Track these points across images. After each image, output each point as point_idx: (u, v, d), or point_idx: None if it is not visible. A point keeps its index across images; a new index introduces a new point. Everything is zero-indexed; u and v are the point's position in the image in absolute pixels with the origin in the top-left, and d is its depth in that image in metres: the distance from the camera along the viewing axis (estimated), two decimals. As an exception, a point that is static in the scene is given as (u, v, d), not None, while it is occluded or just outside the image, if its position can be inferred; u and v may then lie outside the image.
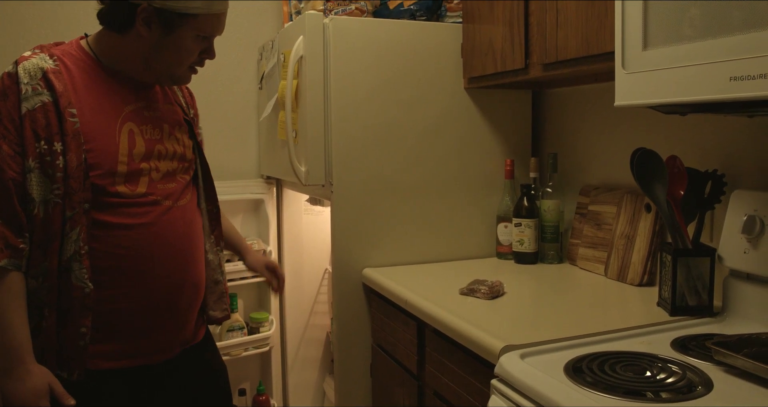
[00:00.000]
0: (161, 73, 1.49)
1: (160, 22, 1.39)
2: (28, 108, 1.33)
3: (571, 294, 1.79)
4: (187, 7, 1.38)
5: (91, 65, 1.45)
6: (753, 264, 1.45)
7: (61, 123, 1.35)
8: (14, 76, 1.35)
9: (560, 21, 1.71)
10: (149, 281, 1.47)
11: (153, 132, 1.50)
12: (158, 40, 1.42)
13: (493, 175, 2.33)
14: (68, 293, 1.38)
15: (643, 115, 1.93)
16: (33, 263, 1.36)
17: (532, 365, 1.25)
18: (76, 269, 1.37)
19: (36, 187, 1.34)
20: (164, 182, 1.50)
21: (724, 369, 1.20)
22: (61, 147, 1.34)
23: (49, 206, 1.34)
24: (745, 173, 1.63)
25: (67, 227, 1.36)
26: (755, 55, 1.04)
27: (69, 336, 1.39)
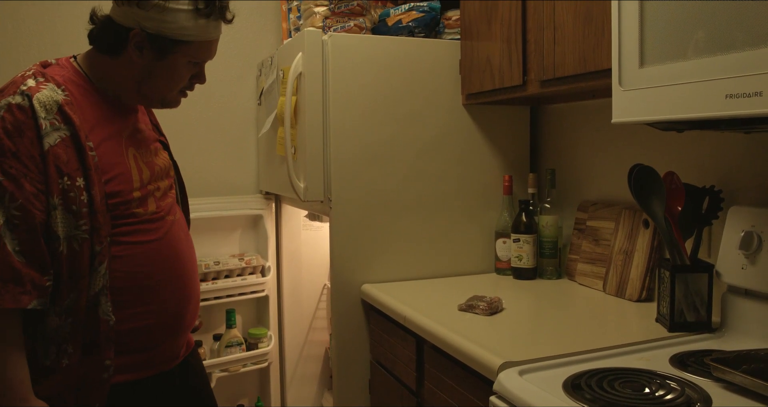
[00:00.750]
0: (152, 97, 1.48)
1: (153, 47, 1.38)
2: (51, 144, 1.28)
3: (570, 310, 1.79)
4: (180, 33, 1.37)
5: (90, 92, 1.43)
6: (751, 280, 1.45)
7: (82, 157, 1.32)
8: (28, 111, 1.28)
9: (557, 38, 1.72)
10: (165, 294, 1.47)
11: (147, 154, 1.51)
12: (150, 65, 1.41)
13: (492, 191, 2.33)
14: (95, 327, 1.35)
15: (640, 131, 1.94)
16: (57, 300, 1.32)
17: (531, 382, 1.24)
18: (103, 303, 1.35)
19: (61, 224, 1.30)
20: (163, 198, 1.52)
21: (723, 385, 1.20)
22: (84, 182, 1.31)
23: (74, 243, 1.31)
24: (742, 189, 1.63)
25: (96, 263, 1.33)
26: (751, 73, 1.05)
27: (93, 370, 1.37)
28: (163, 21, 1.35)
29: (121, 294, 1.40)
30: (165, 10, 1.34)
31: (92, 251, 1.33)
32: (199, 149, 2.88)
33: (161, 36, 1.36)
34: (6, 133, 1.26)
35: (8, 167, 1.26)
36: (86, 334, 1.35)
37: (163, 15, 1.34)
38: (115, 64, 1.42)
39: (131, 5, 1.34)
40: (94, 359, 1.36)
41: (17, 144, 1.26)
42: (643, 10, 1.28)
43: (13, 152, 1.26)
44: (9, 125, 1.27)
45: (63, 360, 1.33)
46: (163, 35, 1.36)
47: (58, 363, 1.33)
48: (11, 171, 1.26)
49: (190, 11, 1.36)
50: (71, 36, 2.72)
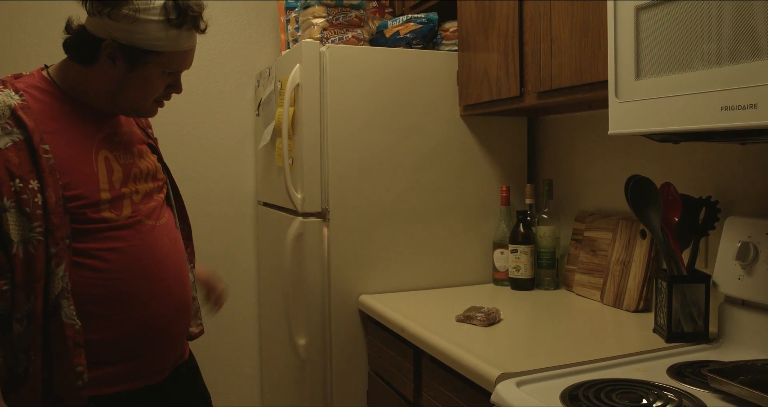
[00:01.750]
0: (126, 107, 1.47)
1: (125, 57, 1.37)
2: (1, 147, 1.28)
3: (568, 321, 1.79)
4: (152, 44, 1.36)
5: (58, 97, 1.41)
6: (747, 291, 1.46)
7: (36, 160, 1.30)
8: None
9: (554, 50, 1.73)
10: (145, 302, 1.45)
11: (126, 156, 1.49)
12: (123, 76, 1.40)
13: (489, 201, 2.34)
14: (60, 332, 1.33)
15: (637, 142, 1.95)
16: (17, 306, 1.30)
17: (529, 393, 1.24)
18: (65, 307, 1.33)
19: (13, 226, 1.28)
20: (144, 202, 1.49)
21: (721, 396, 1.20)
22: (38, 184, 1.30)
23: (30, 246, 1.29)
24: (738, 200, 1.64)
25: (52, 265, 1.31)
26: (746, 85, 1.06)
27: (64, 378, 1.34)
28: (134, 32, 1.34)
29: (94, 302, 1.38)
30: (136, 21, 1.33)
31: (48, 254, 1.31)
32: (197, 160, 2.89)
33: (133, 47, 1.35)
34: None
35: None
36: (51, 340, 1.33)
37: (133, 26, 1.33)
38: (88, 74, 1.42)
39: (102, 16, 1.33)
40: (64, 366, 1.34)
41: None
42: (638, 22, 1.29)
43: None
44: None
45: (30, 368, 1.32)
46: (134, 46, 1.35)
47: (27, 372, 1.32)
48: None
49: (161, 22, 1.35)
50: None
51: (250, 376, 3.07)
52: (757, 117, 1.04)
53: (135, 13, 1.33)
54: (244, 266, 3.00)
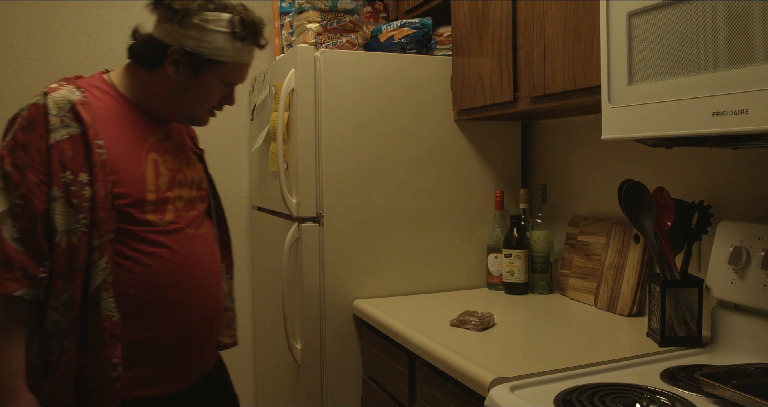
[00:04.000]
0: (182, 112, 1.54)
1: (188, 64, 1.45)
2: (57, 139, 1.35)
3: (562, 325, 1.79)
4: (215, 54, 1.44)
5: (116, 98, 1.48)
6: (740, 295, 1.46)
7: (89, 154, 1.37)
8: (42, 108, 1.36)
9: (547, 55, 1.74)
10: (178, 309, 1.47)
11: (174, 162, 1.53)
12: (184, 82, 1.47)
13: (483, 206, 2.34)
14: (98, 323, 1.36)
15: (630, 147, 1.96)
16: (54, 293, 1.34)
17: (522, 398, 1.24)
18: (104, 298, 1.37)
19: (60, 216, 1.33)
20: (186, 209, 1.53)
21: (714, 400, 1.20)
22: (88, 178, 1.35)
23: (73, 236, 1.34)
24: (730, 205, 1.65)
25: (95, 256, 1.35)
26: (737, 90, 1.07)
27: (100, 368, 1.37)
28: (201, 40, 1.42)
29: (130, 303, 1.41)
30: (204, 31, 1.42)
31: (90, 246, 1.35)
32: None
33: (197, 55, 1.43)
34: (22, 128, 1.35)
35: (17, 158, 1.33)
36: (89, 331, 1.36)
37: (202, 35, 1.42)
38: (150, 78, 1.49)
39: (173, 23, 1.42)
40: (100, 357, 1.37)
41: (28, 137, 1.34)
42: (631, 28, 1.30)
43: (23, 144, 1.34)
44: (25, 121, 1.36)
45: (63, 356, 1.35)
46: (199, 54, 1.43)
47: (59, 360, 1.35)
48: (18, 162, 1.33)
49: (227, 34, 1.44)
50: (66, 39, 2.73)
51: (245, 381, 3.07)
52: (749, 122, 1.05)
53: (204, 23, 1.42)
54: (239, 271, 3.00)
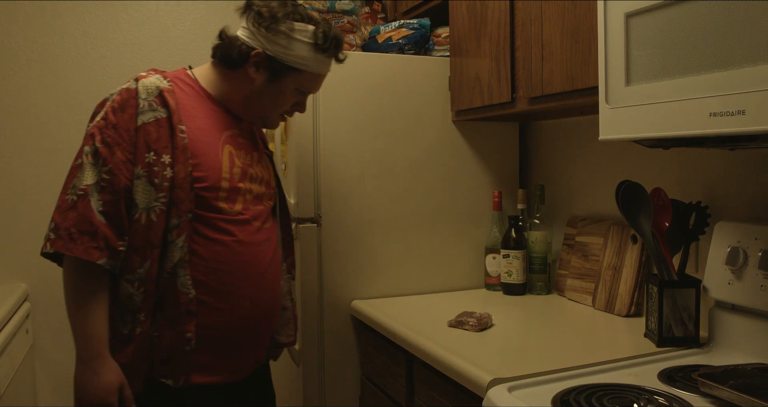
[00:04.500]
0: (256, 113, 1.61)
1: (269, 68, 1.52)
2: (144, 121, 1.44)
3: (559, 326, 1.79)
4: (296, 62, 1.52)
5: (198, 92, 1.56)
6: (737, 295, 1.46)
7: (172, 137, 1.45)
8: (133, 92, 1.46)
9: (545, 56, 1.74)
10: (237, 299, 1.52)
11: (246, 157, 1.59)
12: (262, 84, 1.54)
13: (481, 206, 2.35)
14: (174, 298, 1.43)
15: (628, 148, 1.96)
16: (130, 267, 1.42)
17: (520, 398, 1.25)
18: (181, 275, 1.44)
19: (141, 194, 1.41)
20: (254, 203, 1.58)
21: (711, 400, 1.21)
22: (170, 159, 1.43)
23: (152, 213, 1.42)
24: (728, 205, 1.65)
25: (173, 235, 1.43)
26: (734, 91, 1.07)
27: (175, 341, 1.44)
28: (285, 47, 1.50)
29: (196, 287, 1.46)
30: (289, 39, 1.50)
31: (168, 224, 1.43)
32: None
33: (279, 60, 1.51)
34: (113, 110, 1.45)
35: (107, 136, 1.42)
36: (165, 306, 1.44)
37: (287, 42, 1.50)
38: (231, 77, 1.57)
39: (261, 28, 1.49)
40: (176, 331, 1.44)
41: (118, 118, 1.43)
42: (628, 29, 1.30)
43: (113, 124, 1.43)
44: (116, 104, 1.45)
45: (137, 328, 1.42)
46: (280, 60, 1.51)
47: (132, 332, 1.42)
48: (108, 139, 1.42)
49: (310, 44, 1.52)
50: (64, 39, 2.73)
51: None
52: (746, 123, 1.05)
53: (291, 31, 1.50)
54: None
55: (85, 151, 1.42)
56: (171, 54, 2.90)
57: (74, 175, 1.42)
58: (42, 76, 2.70)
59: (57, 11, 2.72)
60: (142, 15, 2.87)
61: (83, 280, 1.40)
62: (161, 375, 1.45)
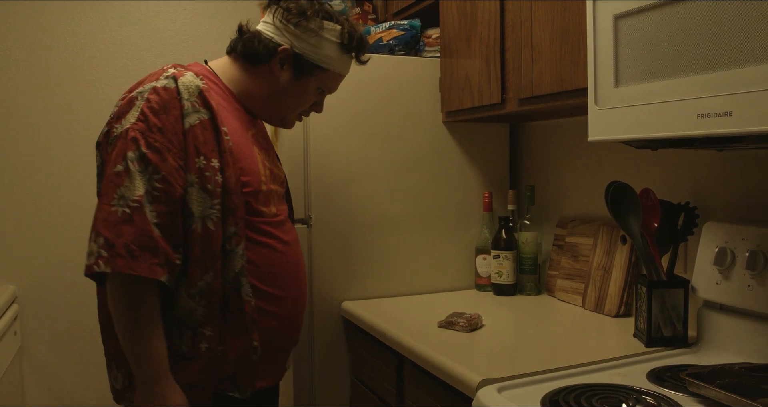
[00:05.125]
0: (276, 112, 1.56)
1: (294, 66, 1.49)
2: (191, 123, 1.34)
3: (549, 326, 1.80)
4: (322, 60, 1.50)
5: (223, 89, 1.49)
6: (725, 295, 1.47)
7: (218, 140, 1.36)
8: (173, 91, 1.34)
9: (535, 57, 1.75)
10: (285, 301, 1.49)
11: (266, 157, 1.54)
12: (286, 82, 1.50)
13: (472, 207, 2.35)
14: (239, 309, 1.37)
15: (617, 149, 1.97)
16: (191, 281, 1.32)
17: (509, 399, 1.25)
18: (244, 284, 1.37)
19: (196, 202, 1.32)
20: (280, 203, 1.56)
21: (699, 400, 1.21)
22: (218, 164, 1.35)
23: (209, 222, 1.33)
24: (716, 206, 1.66)
25: (232, 243, 1.36)
26: (721, 93, 1.08)
27: (242, 352, 1.38)
28: (313, 45, 1.48)
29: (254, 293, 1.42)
30: (318, 37, 1.48)
31: (225, 232, 1.35)
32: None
33: (305, 58, 1.48)
34: (152, 111, 1.31)
35: (153, 140, 1.29)
36: (231, 317, 1.36)
37: (314, 40, 1.47)
38: (252, 74, 1.51)
39: (289, 24, 1.46)
40: (243, 342, 1.38)
41: (163, 120, 1.31)
42: (617, 30, 1.31)
43: (158, 127, 1.30)
44: (155, 104, 1.32)
45: (201, 344, 1.33)
46: (306, 57, 1.48)
47: (195, 349, 1.33)
48: (156, 144, 1.29)
49: (336, 44, 1.50)
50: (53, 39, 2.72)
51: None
52: (732, 124, 1.06)
53: (319, 29, 1.47)
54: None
55: (129, 157, 1.28)
56: (161, 54, 2.89)
57: (118, 183, 1.27)
58: (31, 77, 2.69)
59: (46, 11, 2.71)
60: (131, 15, 2.85)
61: (140, 299, 1.28)
62: (228, 388, 1.38)
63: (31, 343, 2.72)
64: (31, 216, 2.68)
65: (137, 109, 1.32)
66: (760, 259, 1.39)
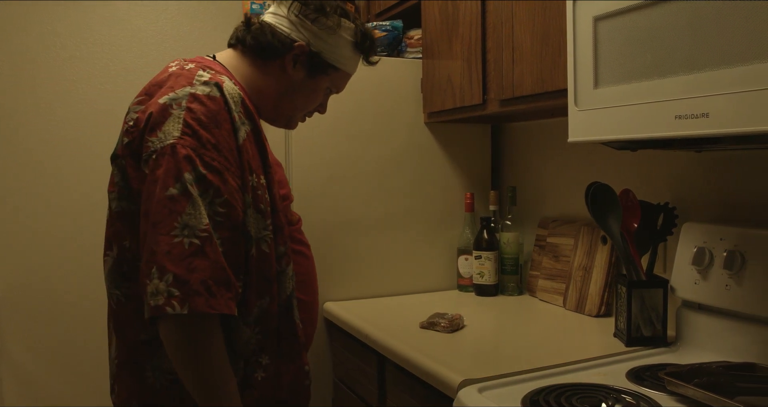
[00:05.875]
0: (284, 113, 1.44)
1: (308, 63, 1.37)
2: (243, 138, 1.21)
3: (531, 326, 1.80)
4: (336, 59, 1.39)
5: (241, 89, 1.32)
6: (703, 295, 1.49)
7: (262, 154, 1.27)
8: (220, 101, 1.19)
9: (516, 58, 1.76)
10: (312, 307, 1.47)
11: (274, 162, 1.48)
12: (298, 80, 1.39)
13: (454, 208, 2.36)
14: (292, 333, 1.30)
15: (597, 149, 1.98)
16: (247, 310, 1.21)
17: (490, 399, 1.25)
18: (294, 306, 1.30)
19: (253, 224, 1.21)
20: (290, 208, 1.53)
21: (677, 398, 1.22)
22: (265, 180, 1.25)
23: (263, 244, 1.23)
24: (694, 206, 1.68)
25: (283, 263, 1.28)
26: (698, 95, 1.09)
27: (295, 378, 1.31)
28: (329, 43, 1.37)
29: None
30: (334, 35, 1.37)
31: (277, 253, 1.27)
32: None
33: (320, 56, 1.37)
34: (200, 123, 1.15)
35: (210, 159, 1.14)
36: (283, 341, 1.28)
37: (330, 38, 1.37)
38: (262, 70, 1.37)
39: (305, 20, 1.34)
40: (296, 366, 1.32)
41: (216, 135, 1.16)
42: (597, 32, 1.31)
43: (213, 143, 1.15)
44: (202, 116, 1.16)
45: (257, 374, 1.24)
46: (321, 56, 1.37)
47: (249, 378, 1.24)
48: (214, 164, 1.14)
49: (351, 42, 1.41)
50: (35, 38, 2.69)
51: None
52: (709, 126, 1.07)
53: (337, 27, 1.37)
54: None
55: (187, 179, 1.11)
56: (142, 54, 2.87)
57: (177, 210, 1.10)
58: (9, 76, 2.65)
59: (25, 10, 2.68)
60: (113, 15, 2.83)
61: (214, 337, 1.12)
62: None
63: (8, 345, 2.69)
64: (9, 219, 2.65)
65: (177, 119, 1.15)
66: (738, 259, 1.41)
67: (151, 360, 1.21)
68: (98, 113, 2.79)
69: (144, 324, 1.17)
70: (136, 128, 1.18)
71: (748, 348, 1.40)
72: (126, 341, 1.24)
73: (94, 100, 2.79)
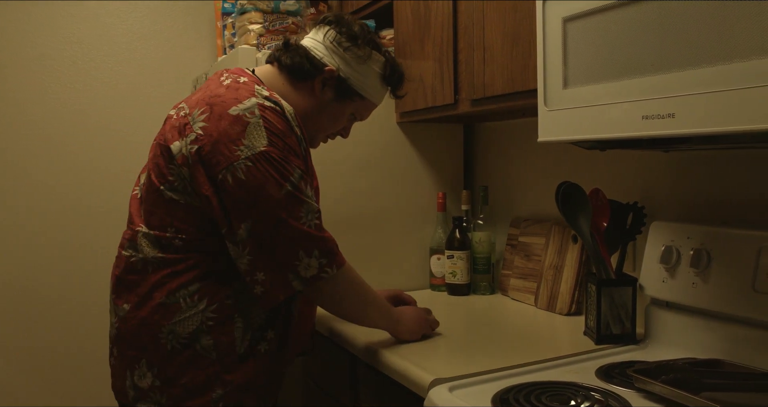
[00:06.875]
0: (308, 130, 1.53)
1: (335, 88, 1.50)
2: (304, 147, 1.41)
3: (502, 325, 1.81)
4: (362, 88, 1.52)
5: None
6: (671, 293, 1.51)
7: (307, 166, 1.41)
8: (281, 113, 1.37)
9: (487, 58, 1.76)
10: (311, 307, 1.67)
11: None
12: (324, 102, 1.52)
13: (426, 208, 2.36)
14: (288, 321, 1.51)
15: (568, 149, 2.00)
16: None
17: (460, 398, 1.26)
18: (296, 299, 1.52)
19: None
20: None
21: (644, 395, 1.24)
22: (312, 190, 1.40)
23: None
24: (662, 205, 1.70)
25: None
26: (664, 95, 1.10)
27: (278, 365, 1.49)
28: (357, 71, 1.50)
29: None
30: (364, 64, 1.50)
31: None
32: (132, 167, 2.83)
33: (347, 82, 1.50)
34: (279, 133, 1.34)
35: (297, 165, 1.35)
36: (280, 327, 1.49)
37: (360, 67, 1.50)
38: (295, 88, 1.51)
39: (338, 48, 1.48)
40: (283, 354, 1.50)
41: (291, 144, 1.36)
42: (566, 33, 1.32)
43: (295, 152, 1.36)
44: (278, 126, 1.35)
45: (260, 346, 1.44)
46: (349, 82, 1.50)
47: (252, 350, 1.43)
48: (301, 168, 1.37)
49: (379, 74, 1.54)
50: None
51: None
52: (675, 126, 1.08)
53: (367, 58, 1.50)
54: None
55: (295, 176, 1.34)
56: (112, 53, 2.84)
57: (297, 203, 1.34)
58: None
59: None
60: (81, 13, 2.80)
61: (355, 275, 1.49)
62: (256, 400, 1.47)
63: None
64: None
65: (258, 128, 1.32)
66: (704, 257, 1.43)
67: (167, 324, 1.37)
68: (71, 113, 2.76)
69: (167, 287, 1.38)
70: (208, 138, 1.32)
71: (714, 345, 1.42)
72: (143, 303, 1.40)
73: (64, 98, 2.76)
